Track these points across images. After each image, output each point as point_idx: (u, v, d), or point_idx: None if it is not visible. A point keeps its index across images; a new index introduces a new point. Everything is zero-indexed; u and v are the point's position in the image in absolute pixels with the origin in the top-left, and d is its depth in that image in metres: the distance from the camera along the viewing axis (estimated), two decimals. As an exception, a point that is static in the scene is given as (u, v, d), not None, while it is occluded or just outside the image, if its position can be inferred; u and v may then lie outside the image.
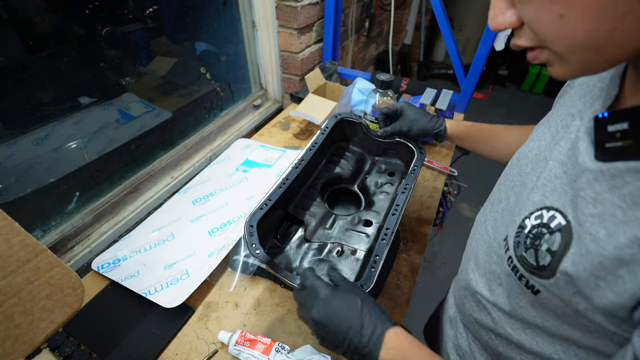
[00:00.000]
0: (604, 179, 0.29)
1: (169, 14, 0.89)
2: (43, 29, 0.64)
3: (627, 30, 0.25)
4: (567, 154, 0.36)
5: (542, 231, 0.35)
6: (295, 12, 1.10)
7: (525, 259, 0.36)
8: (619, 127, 0.28)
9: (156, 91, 0.93)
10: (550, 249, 0.33)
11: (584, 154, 0.32)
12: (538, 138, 0.44)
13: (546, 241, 0.34)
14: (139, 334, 0.62)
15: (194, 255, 0.73)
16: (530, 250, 0.36)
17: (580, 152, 0.33)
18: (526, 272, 0.37)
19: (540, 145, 0.43)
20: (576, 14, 0.25)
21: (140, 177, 0.89)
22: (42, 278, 0.42)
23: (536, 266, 0.35)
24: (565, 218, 0.33)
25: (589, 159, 0.31)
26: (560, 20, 0.26)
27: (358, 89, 1.07)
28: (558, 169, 0.36)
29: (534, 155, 0.43)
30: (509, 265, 0.40)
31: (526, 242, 0.37)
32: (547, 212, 0.35)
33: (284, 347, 0.57)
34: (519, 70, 3.38)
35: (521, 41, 0.31)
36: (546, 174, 0.38)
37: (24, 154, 0.66)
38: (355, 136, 0.82)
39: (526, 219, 0.37)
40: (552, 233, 0.33)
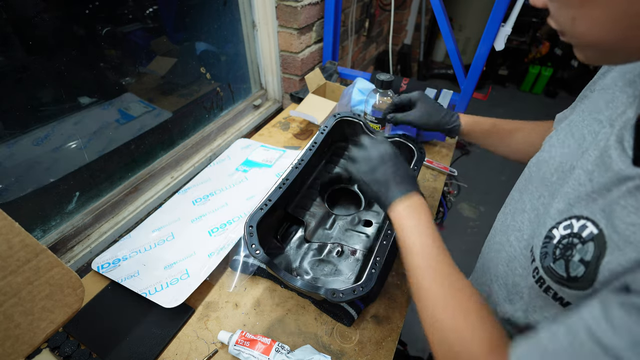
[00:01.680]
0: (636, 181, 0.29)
1: (169, 14, 0.89)
2: (43, 29, 0.64)
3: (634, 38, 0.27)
4: (594, 162, 0.35)
5: (574, 241, 0.33)
6: (295, 12, 1.10)
7: (553, 269, 0.35)
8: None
9: (156, 91, 0.93)
10: (583, 259, 0.32)
11: (619, 162, 0.31)
12: (561, 145, 0.43)
13: (578, 251, 0.33)
14: (139, 334, 0.62)
15: (194, 255, 0.73)
16: (560, 261, 0.35)
17: (613, 160, 0.32)
18: (554, 284, 0.36)
19: (564, 153, 0.42)
20: (586, 21, 0.29)
21: (140, 177, 0.89)
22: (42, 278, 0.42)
23: (567, 277, 0.34)
24: (597, 227, 0.32)
25: (625, 166, 0.31)
26: (573, 21, 0.30)
27: (358, 89, 1.07)
28: (583, 176, 0.35)
29: (557, 164, 0.42)
30: (533, 277, 0.39)
31: (555, 252, 0.35)
32: (577, 221, 0.34)
33: (284, 347, 0.57)
34: (519, 70, 3.38)
35: (552, 23, 0.34)
36: (572, 182, 0.37)
37: (24, 154, 0.66)
38: (355, 136, 0.82)
39: (554, 229, 0.36)
40: (585, 243, 0.32)
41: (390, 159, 0.52)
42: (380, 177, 0.51)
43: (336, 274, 0.64)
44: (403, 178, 0.50)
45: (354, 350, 0.60)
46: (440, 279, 0.41)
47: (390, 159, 0.52)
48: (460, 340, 0.36)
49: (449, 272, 0.41)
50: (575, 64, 3.18)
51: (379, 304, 0.67)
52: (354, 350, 0.60)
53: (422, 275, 0.42)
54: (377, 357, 0.59)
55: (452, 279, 0.41)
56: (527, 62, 3.33)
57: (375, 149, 0.53)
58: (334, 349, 0.60)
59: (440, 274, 0.41)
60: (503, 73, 3.44)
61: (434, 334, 0.39)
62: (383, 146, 0.54)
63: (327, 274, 0.64)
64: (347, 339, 0.62)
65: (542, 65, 3.29)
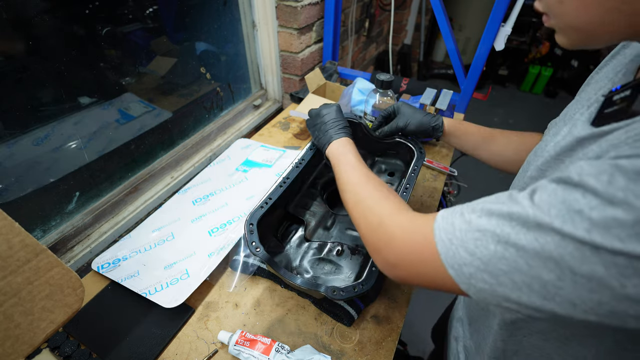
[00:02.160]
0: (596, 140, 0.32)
1: (169, 14, 0.89)
2: (43, 29, 0.64)
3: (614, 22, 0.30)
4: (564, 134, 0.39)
5: None
6: (295, 12, 1.10)
7: None
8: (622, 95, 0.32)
9: (156, 91, 0.93)
10: None
11: (580, 128, 0.36)
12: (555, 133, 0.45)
13: None
14: (139, 334, 0.62)
15: (194, 255, 0.73)
16: None
17: (576, 128, 0.37)
18: None
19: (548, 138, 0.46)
20: (573, 3, 0.31)
21: (140, 177, 0.89)
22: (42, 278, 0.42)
23: None
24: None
25: (583, 129, 0.35)
26: (560, 3, 0.33)
27: (358, 89, 1.07)
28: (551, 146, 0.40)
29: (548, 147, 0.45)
30: None
31: None
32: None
33: (284, 347, 0.57)
34: (519, 70, 3.38)
35: (539, 5, 0.37)
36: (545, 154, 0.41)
37: (24, 154, 0.66)
38: (355, 136, 0.82)
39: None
40: None
41: (331, 116, 0.64)
42: (321, 126, 0.64)
43: (336, 273, 0.64)
44: (337, 129, 0.62)
45: (354, 350, 0.60)
46: (367, 181, 0.50)
47: (331, 116, 0.64)
48: (377, 208, 0.44)
49: (374, 177, 0.51)
50: (575, 64, 3.18)
51: (379, 304, 0.67)
52: (354, 350, 0.60)
53: (354, 183, 0.51)
54: (377, 357, 0.59)
55: (376, 181, 0.50)
56: (527, 62, 3.33)
57: (322, 109, 0.66)
58: (334, 349, 0.60)
59: (367, 179, 0.51)
60: (503, 73, 3.44)
61: (359, 213, 0.47)
62: (329, 108, 0.65)
63: (327, 272, 0.64)
64: (347, 339, 0.62)
65: (542, 65, 3.29)
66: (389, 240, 0.40)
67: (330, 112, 0.65)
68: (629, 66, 0.39)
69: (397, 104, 0.75)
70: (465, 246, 0.31)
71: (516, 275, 0.28)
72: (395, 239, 0.39)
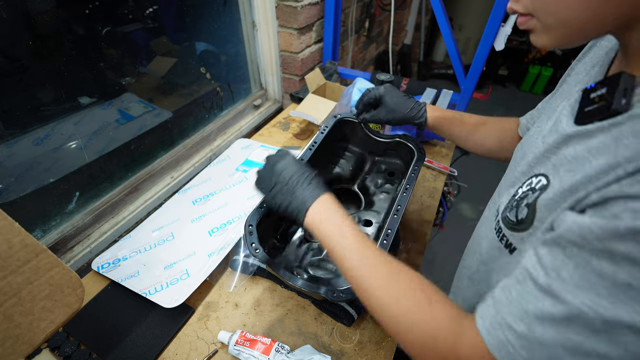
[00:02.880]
0: (582, 140, 0.33)
1: (169, 14, 0.89)
2: (43, 29, 0.64)
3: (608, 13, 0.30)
4: (549, 129, 0.40)
5: (528, 193, 0.38)
6: (295, 12, 1.10)
7: (508, 217, 0.40)
8: (599, 92, 0.32)
9: (156, 91, 0.93)
10: (528, 202, 0.37)
11: (564, 124, 0.36)
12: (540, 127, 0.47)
13: (527, 198, 0.38)
14: (139, 334, 0.62)
15: (194, 255, 0.73)
16: (514, 209, 0.39)
17: (561, 124, 0.37)
18: (507, 230, 0.40)
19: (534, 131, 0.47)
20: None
21: (140, 177, 0.89)
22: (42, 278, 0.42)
23: (516, 221, 0.39)
24: (547, 178, 0.36)
25: (568, 126, 0.35)
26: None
27: (358, 89, 1.07)
28: (539, 141, 0.41)
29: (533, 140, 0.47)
30: (494, 229, 0.43)
31: (512, 204, 0.40)
32: (535, 178, 0.38)
33: (284, 347, 0.57)
34: (519, 70, 3.37)
35: (517, 6, 0.36)
36: (532, 148, 0.42)
37: (24, 154, 0.66)
38: (355, 136, 0.82)
39: (519, 189, 0.41)
40: (534, 192, 0.37)
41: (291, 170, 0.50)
42: (283, 188, 0.49)
43: (336, 273, 0.64)
44: (307, 186, 0.48)
45: (354, 350, 0.60)
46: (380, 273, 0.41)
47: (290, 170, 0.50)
48: (423, 326, 0.37)
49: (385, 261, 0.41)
50: (575, 64, 3.18)
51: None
52: (354, 350, 0.60)
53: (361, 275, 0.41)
54: (377, 357, 0.59)
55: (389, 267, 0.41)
56: (527, 62, 3.33)
57: (276, 163, 0.51)
58: (334, 349, 0.60)
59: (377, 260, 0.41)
60: (503, 73, 3.44)
61: (386, 320, 0.39)
62: (283, 159, 0.51)
63: (327, 273, 0.64)
64: (347, 339, 0.62)
65: (542, 65, 3.29)
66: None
67: (288, 165, 0.50)
68: (604, 59, 0.40)
69: (382, 91, 0.71)
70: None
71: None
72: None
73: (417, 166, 0.68)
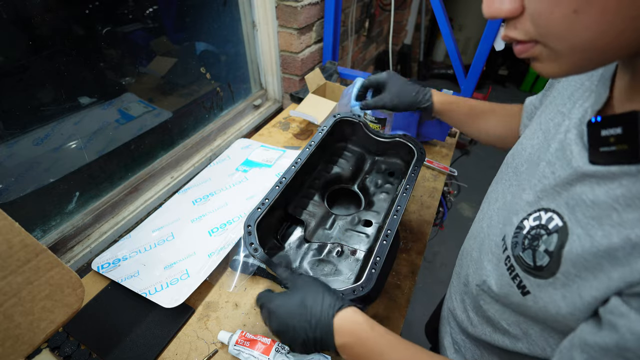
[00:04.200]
0: (602, 182, 0.30)
1: (169, 14, 0.89)
2: (43, 29, 0.64)
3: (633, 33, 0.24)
4: (555, 155, 0.36)
5: (540, 232, 0.35)
6: (295, 12, 1.10)
7: (522, 259, 0.37)
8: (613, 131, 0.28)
9: (156, 91, 0.93)
10: (547, 249, 0.34)
11: (578, 158, 0.33)
12: (531, 137, 0.44)
13: (544, 242, 0.34)
14: (139, 334, 0.62)
15: (194, 255, 0.73)
16: (528, 250, 0.36)
17: (574, 156, 0.33)
18: (522, 272, 0.37)
19: (533, 144, 0.43)
20: (593, 11, 0.24)
21: (140, 177, 0.89)
22: (42, 278, 0.42)
23: (533, 266, 0.35)
24: (562, 219, 0.33)
25: (583, 163, 0.32)
26: (572, 16, 0.25)
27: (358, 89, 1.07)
28: (547, 169, 0.37)
29: (527, 155, 0.44)
30: (505, 264, 0.40)
31: (524, 242, 0.37)
32: (545, 213, 0.35)
33: (284, 347, 0.57)
34: (519, 70, 3.38)
35: (515, 33, 0.29)
36: (538, 175, 0.38)
37: (24, 154, 0.66)
38: (355, 136, 0.82)
39: (524, 220, 0.38)
40: (550, 234, 0.34)
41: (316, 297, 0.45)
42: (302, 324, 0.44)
43: (336, 274, 0.64)
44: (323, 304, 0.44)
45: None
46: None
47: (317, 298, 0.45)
48: None
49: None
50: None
51: (379, 303, 0.67)
52: (354, 350, 0.60)
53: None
54: (377, 357, 0.59)
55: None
56: (527, 62, 3.33)
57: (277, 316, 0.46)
58: (334, 349, 0.60)
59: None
60: (503, 73, 3.44)
61: None
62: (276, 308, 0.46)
63: (327, 274, 0.64)
64: (347, 339, 0.62)
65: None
66: None
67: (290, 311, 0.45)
68: (602, 79, 0.35)
69: (385, 76, 0.68)
70: None
71: None
72: None
73: (417, 166, 0.68)
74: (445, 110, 0.67)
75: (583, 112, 0.35)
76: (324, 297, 0.45)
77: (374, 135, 0.78)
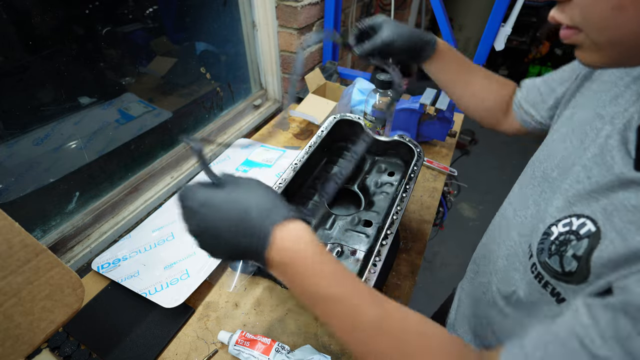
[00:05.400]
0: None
1: (169, 14, 0.89)
2: (43, 29, 0.64)
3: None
4: (593, 160, 0.35)
5: (570, 238, 0.34)
6: (295, 12, 1.10)
7: (549, 265, 0.36)
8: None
9: (156, 91, 0.93)
10: (575, 254, 0.33)
11: (621, 164, 0.31)
12: (562, 140, 0.42)
13: (572, 247, 0.33)
14: (139, 334, 0.62)
15: (194, 255, 0.73)
16: (555, 256, 0.35)
17: (615, 162, 0.32)
18: (552, 279, 0.36)
19: (567, 148, 0.41)
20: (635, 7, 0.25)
21: (140, 177, 0.89)
22: (42, 278, 0.42)
23: (562, 272, 0.34)
24: (595, 225, 0.32)
25: (628, 169, 0.31)
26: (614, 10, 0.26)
27: (358, 89, 1.07)
28: (582, 174, 0.35)
29: (559, 160, 0.42)
30: (532, 273, 0.39)
31: (550, 248, 0.36)
32: (577, 219, 0.34)
33: (284, 347, 0.57)
34: (519, 70, 3.38)
35: (562, 17, 0.30)
36: (570, 179, 0.37)
37: (24, 154, 0.66)
38: (355, 136, 0.82)
39: (552, 226, 0.36)
40: (580, 239, 0.32)
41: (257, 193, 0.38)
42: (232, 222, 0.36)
43: (336, 274, 0.64)
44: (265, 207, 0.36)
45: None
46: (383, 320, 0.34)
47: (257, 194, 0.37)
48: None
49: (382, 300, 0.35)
50: (575, 64, 3.18)
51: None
52: (354, 350, 0.60)
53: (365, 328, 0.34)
54: (377, 357, 0.59)
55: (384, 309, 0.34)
56: (527, 62, 3.33)
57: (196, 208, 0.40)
58: (334, 349, 0.60)
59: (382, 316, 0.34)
60: (503, 73, 3.44)
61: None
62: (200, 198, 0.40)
63: None
64: (347, 339, 0.62)
65: (542, 65, 3.29)
66: None
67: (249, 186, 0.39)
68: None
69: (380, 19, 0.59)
70: None
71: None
72: None
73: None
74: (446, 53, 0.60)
75: (629, 117, 0.34)
76: (268, 201, 0.37)
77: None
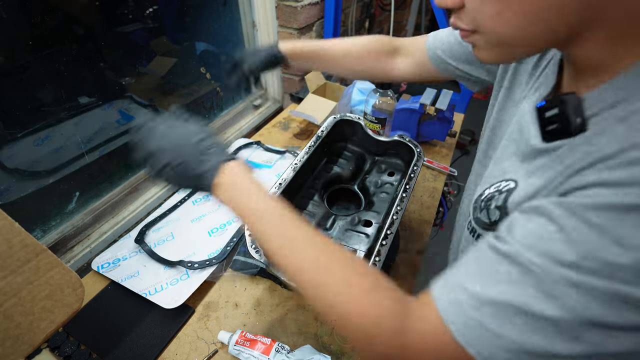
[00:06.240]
0: (548, 155, 0.35)
1: (169, 14, 0.89)
2: (43, 29, 0.64)
3: (548, 32, 0.30)
4: (517, 133, 0.42)
5: (494, 194, 0.40)
6: (295, 12, 1.10)
7: (479, 218, 0.42)
8: (552, 112, 0.33)
9: (156, 91, 0.93)
10: (497, 205, 0.39)
11: (534, 137, 0.37)
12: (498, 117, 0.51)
13: (495, 200, 0.40)
14: (139, 334, 0.62)
15: (194, 255, 0.73)
16: (484, 210, 0.41)
17: (531, 135, 0.38)
18: (482, 230, 0.42)
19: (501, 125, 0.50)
20: (510, 14, 0.29)
21: (140, 177, 0.89)
22: (42, 278, 0.42)
23: (489, 222, 0.40)
24: (516, 183, 0.38)
25: (538, 141, 0.36)
26: (497, 16, 0.30)
27: (358, 89, 1.07)
28: (512, 146, 0.42)
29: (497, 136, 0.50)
30: (468, 229, 0.46)
31: (481, 205, 0.42)
32: (505, 182, 0.40)
33: (284, 347, 0.57)
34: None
35: (460, 23, 0.34)
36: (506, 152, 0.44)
37: (24, 154, 0.66)
38: (355, 136, 0.82)
39: (487, 190, 0.43)
40: (501, 193, 0.39)
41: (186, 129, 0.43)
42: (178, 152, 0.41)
43: (336, 274, 0.64)
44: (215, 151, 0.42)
45: (353, 350, 0.60)
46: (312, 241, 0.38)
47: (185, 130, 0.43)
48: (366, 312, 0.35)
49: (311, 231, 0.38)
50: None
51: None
52: (353, 350, 0.60)
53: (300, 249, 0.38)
54: (377, 357, 0.59)
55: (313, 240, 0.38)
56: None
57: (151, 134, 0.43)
58: (334, 349, 0.60)
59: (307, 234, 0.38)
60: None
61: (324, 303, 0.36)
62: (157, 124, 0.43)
63: None
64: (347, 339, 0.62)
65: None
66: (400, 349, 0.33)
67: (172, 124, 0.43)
68: (552, 68, 0.40)
69: (241, 53, 0.64)
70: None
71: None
72: (409, 348, 0.32)
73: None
74: (294, 50, 0.65)
75: (538, 96, 0.40)
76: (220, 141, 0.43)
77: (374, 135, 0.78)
